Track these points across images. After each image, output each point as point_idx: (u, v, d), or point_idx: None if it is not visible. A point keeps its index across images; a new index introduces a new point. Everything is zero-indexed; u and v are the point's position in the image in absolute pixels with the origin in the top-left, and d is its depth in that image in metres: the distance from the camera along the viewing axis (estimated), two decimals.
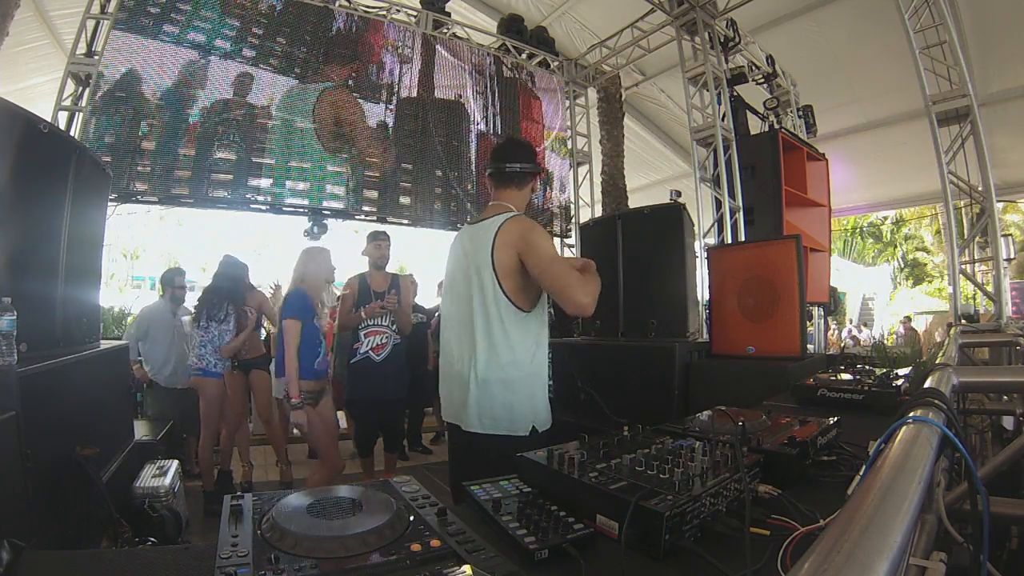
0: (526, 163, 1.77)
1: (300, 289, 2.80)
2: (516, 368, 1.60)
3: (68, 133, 3.84)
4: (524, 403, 1.60)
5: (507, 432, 1.58)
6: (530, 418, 1.61)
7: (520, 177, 1.75)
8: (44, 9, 5.86)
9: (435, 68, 5.92)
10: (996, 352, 2.53)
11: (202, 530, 2.86)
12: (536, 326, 1.66)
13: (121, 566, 0.71)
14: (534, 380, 1.64)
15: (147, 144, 4.36)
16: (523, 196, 1.77)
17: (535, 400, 1.63)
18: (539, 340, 1.67)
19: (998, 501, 0.99)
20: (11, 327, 1.38)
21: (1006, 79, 5.88)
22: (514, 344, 1.59)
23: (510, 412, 1.59)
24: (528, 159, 1.78)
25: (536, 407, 1.63)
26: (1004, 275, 4.26)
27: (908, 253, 17.18)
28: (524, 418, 1.60)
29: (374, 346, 3.18)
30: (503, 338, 1.58)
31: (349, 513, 0.76)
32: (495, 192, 1.79)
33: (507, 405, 1.59)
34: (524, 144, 1.91)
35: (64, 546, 1.57)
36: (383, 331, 3.21)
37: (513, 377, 1.60)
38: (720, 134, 5.27)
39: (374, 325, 3.19)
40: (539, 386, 1.65)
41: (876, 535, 0.39)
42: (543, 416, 1.65)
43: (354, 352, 3.18)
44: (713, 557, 0.68)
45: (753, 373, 2.60)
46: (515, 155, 1.78)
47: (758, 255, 2.93)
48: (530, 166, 1.78)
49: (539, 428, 1.62)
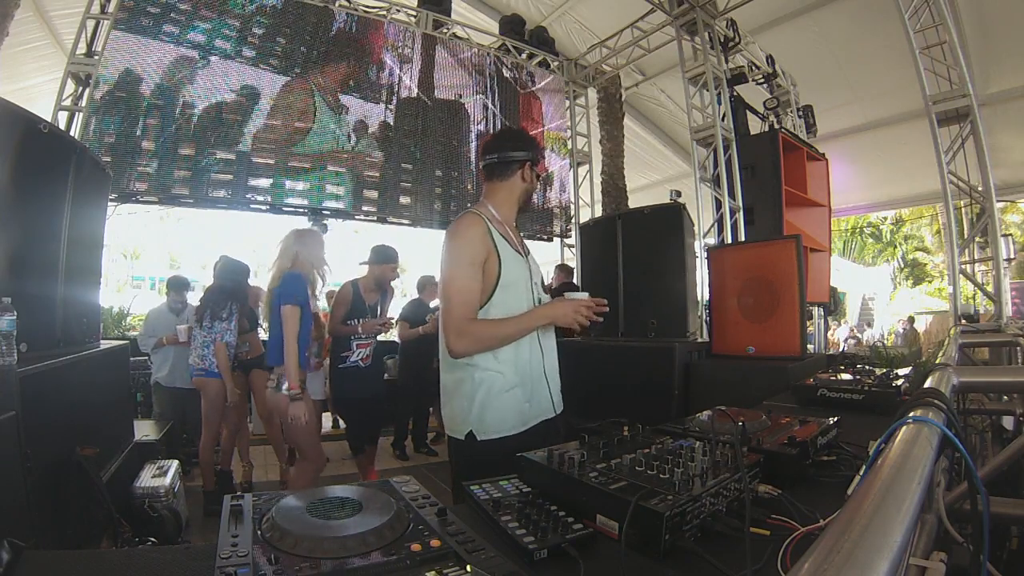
0: (505, 151, 1.63)
1: (296, 272, 2.62)
2: (454, 370, 1.52)
3: (68, 133, 3.84)
4: (462, 405, 1.51)
5: (451, 434, 1.53)
6: (468, 422, 1.49)
7: (501, 167, 1.63)
8: (44, 9, 5.86)
9: (435, 68, 5.92)
10: (996, 352, 2.52)
11: (202, 530, 2.86)
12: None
13: (121, 566, 0.71)
14: (473, 383, 1.50)
15: (147, 144, 4.36)
16: (510, 186, 1.63)
17: (473, 404, 1.49)
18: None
19: (998, 501, 0.99)
20: (11, 327, 1.39)
21: (1006, 79, 5.89)
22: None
23: (450, 412, 1.54)
24: (509, 146, 1.65)
25: (476, 411, 1.48)
26: (1004, 275, 4.27)
27: (908, 253, 17.19)
28: (462, 421, 1.50)
29: (363, 356, 3.22)
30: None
31: (349, 513, 0.76)
32: (484, 188, 1.71)
33: (448, 405, 1.55)
34: (507, 132, 1.78)
35: (64, 546, 1.57)
36: (372, 342, 3.26)
37: (450, 379, 1.55)
38: (720, 134, 5.27)
39: (367, 338, 3.22)
40: (482, 390, 1.49)
41: (876, 535, 0.39)
42: (488, 422, 1.48)
43: (343, 359, 3.19)
44: (713, 557, 0.68)
45: (753, 373, 2.60)
46: (495, 146, 1.66)
47: (758, 255, 2.93)
48: (514, 153, 1.63)
49: (479, 435, 1.47)
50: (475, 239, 1.48)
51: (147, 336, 3.97)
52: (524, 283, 1.57)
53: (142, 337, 4.02)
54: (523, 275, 1.58)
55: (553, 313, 1.52)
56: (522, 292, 1.56)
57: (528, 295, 1.58)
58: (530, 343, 1.56)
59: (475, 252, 1.48)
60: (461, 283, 1.46)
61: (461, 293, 1.46)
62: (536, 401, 1.57)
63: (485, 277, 1.49)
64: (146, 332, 4.01)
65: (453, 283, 1.46)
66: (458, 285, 1.46)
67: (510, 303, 1.52)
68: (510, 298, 1.52)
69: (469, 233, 1.49)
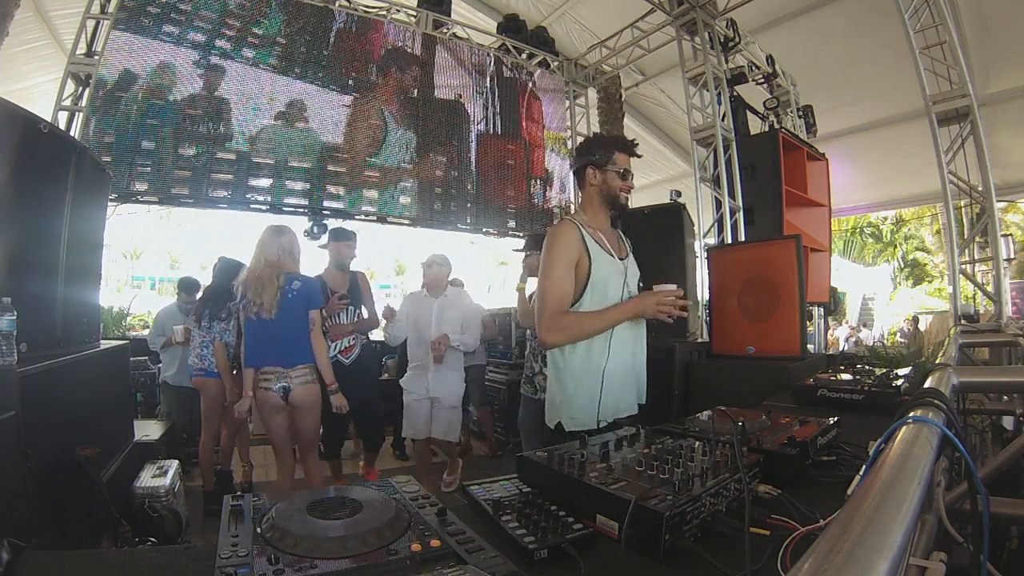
0: (576, 163, 1.77)
1: (317, 277, 2.81)
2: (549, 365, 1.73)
3: (68, 133, 3.84)
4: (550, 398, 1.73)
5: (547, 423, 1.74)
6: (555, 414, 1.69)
7: (578, 178, 1.78)
8: (44, 9, 5.86)
9: (435, 68, 5.92)
10: (996, 352, 2.52)
11: (202, 530, 2.86)
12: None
13: (121, 566, 0.71)
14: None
15: (147, 144, 4.36)
16: (589, 193, 1.75)
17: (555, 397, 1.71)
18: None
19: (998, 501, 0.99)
20: (11, 327, 1.39)
21: (1006, 79, 5.88)
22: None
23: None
24: (577, 157, 1.79)
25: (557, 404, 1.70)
26: (1004, 275, 4.27)
27: (908, 253, 17.16)
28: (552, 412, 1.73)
29: (342, 349, 3.20)
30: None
31: (349, 513, 0.76)
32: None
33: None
34: (580, 144, 1.89)
35: (64, 546, 1.57)
36: (349, 334, 3.23)
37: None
38: (720, 134, 5.27)
39: (338, 327, 3.19)
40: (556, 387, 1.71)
41: (876, 535, 0.39)
42: (568, 415, 1.67)
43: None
44: (713, 557, 0.68)
45: (753, 373, 2.60)
46: (572, 161, 1.82)
47: (758, 255, 2.93)
48: (578, 161, 1.76)
49: (566, 426, 1.65)
50: (568, 242, 1.62)
51: (156, 335, 4.03)
52: (616, 283, 1.66)
53: (152, 336, 4.10)
54: (615, 276, 1.67)
55: (638, 307, 1.61)
56: (612, 291, 1.65)
57: (619, 294, 1.66)
58: (601, 344, 1.63)
59: (569, 254, 1.61)
60: (553, 281, 1.60)
61: (553, 290, 1.59)
62: (609, 401, 1.63)
63: (577, 277, 1.61)
64: (156, 331, 4.07)
65: (547, 281, 1.60)
66: (550, 283, 1.60)
67: (601, 301, 1.63)
68: (601, 296, 1.63)
69: (563, 237, 1.63)
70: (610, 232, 1.77)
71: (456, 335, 3.20)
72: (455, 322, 3.24)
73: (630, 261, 1.78)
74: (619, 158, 1.71)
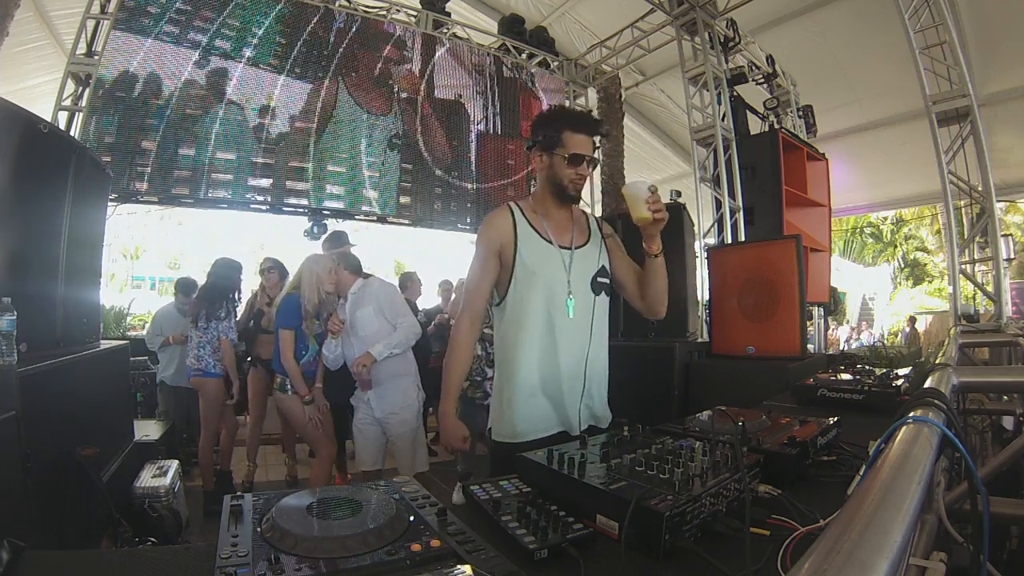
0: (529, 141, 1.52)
1: (294, 295, 2.81)
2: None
3: (68, 133, 3.84)
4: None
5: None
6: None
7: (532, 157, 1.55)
8: (44, 9, 5.85)
9: (435, 68, 5.92)
10: (996, 352, 2.52)
11: (202, 530, 2.86)
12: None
13: (121, 566, 0.71)
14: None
15: (147, 144, 4.36)
16: (540, 178, 1.51)
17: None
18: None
19: (998, 501, 0.99)
20: (11, 327, 1.38)
21: (1006, 79, 5.88)
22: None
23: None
24: (531, 134, 1.51)
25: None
26: (1004, 275, 4.27)
27: (908, 253, 17.16)
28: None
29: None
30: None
31: (349, 513, 0.76)
32: None
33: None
34: (534, 119, 1.62)
35: (64, 546, 1.57)
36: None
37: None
38: (720, 134, 5.28)
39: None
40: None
41: (876, 535, 0.39)
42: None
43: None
44: (713, 557, 0.68)
45: (753, 373, 2.60)
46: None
47: (758, 255, 2.93)
48: (531, 139, 1.50)
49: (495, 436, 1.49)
50: (492, 229, 1.45)
51: (154, 335, 4.02)
52: (549, 272, 1.43)
53: (150, 336, 4.09)
54: (548, 264, 1.43)
55: (444, 426, 1.50)
56: (545, 281, 1.42)
57: (557, 286, 1.43)
58: (528, 352, 1.45)
59: (490, 244, 1.45)
60: (468, 275, 1.51)
61: (467, 284, 1.51)
62: (536, 414, 1.48)
63: (503, 265, 1.45)
64: (153, 331, 4.07)
65: (467, 273, 1.51)
66: (467, 277, 1.51)
67: (530, 292, 1.42)
68: (526, 287, 1.42)
69: (488, 224, 1.48)
70: (562, 217, 1.50)
71: (381, 337, 2.56)
72: (370, 319, 2.60)
73: (586, 251, 1.51)
74: (570, 139, 1.40)
